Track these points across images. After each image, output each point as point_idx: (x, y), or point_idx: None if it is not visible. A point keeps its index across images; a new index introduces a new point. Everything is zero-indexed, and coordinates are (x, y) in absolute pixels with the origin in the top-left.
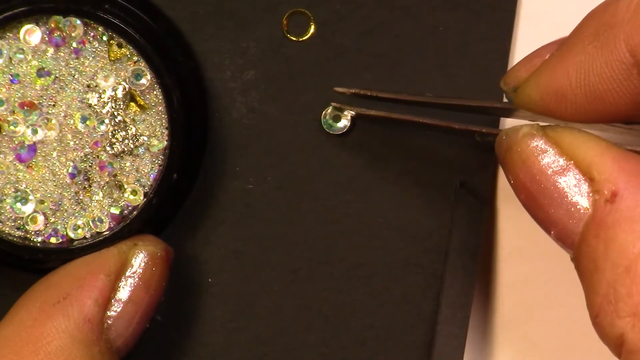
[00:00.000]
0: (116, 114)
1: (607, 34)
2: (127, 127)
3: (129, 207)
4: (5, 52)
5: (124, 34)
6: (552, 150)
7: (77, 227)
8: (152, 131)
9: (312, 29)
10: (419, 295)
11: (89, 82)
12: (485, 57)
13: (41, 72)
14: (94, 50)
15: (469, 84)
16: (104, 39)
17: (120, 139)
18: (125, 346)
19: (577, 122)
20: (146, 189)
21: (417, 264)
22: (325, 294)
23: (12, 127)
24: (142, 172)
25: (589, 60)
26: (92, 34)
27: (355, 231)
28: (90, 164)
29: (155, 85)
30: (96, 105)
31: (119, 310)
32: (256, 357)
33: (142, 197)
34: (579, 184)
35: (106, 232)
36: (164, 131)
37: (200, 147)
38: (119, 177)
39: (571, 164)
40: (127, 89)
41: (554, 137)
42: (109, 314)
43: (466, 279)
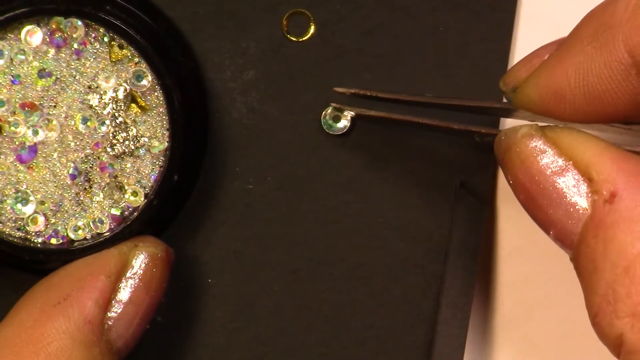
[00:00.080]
0: (117, 115)
1: (605, 35)
2: (128, 128)
3: (130, 208)
4: (6, 53)
5: (125, 35)
6: (551, 150)
7: (77, 228)
8: (152, 132)
9: (312, 29)
10: (419, 295)
11: (90, 83)
12: (485, 57)
13: (42, 73)
14: (95, 51)
15: (469, 84)
16: (105, 40)
17: (121, 140)
18: (125, 347)
19: (576, 122)
20: (147, 190)
21: (417, 264)
22: (325, 294)
23: (13, 128)
24: (143, 174)
25: (587, 60)
26: (93, 35)
27: (355, 231)
28: (91, 165)
29: (156, 86)
30: (97, 106)
31: (120, 311)
32: (256, 357)
33: (142, 198)
34: (578, 184)
35: (107, 233)
36: (165, 132)
37: (201, 149)
38: (119, 178)
39: (570, 165)
40: (128, 90)
41: (552, 138)
42: (109, 315)
43: (466, 279)
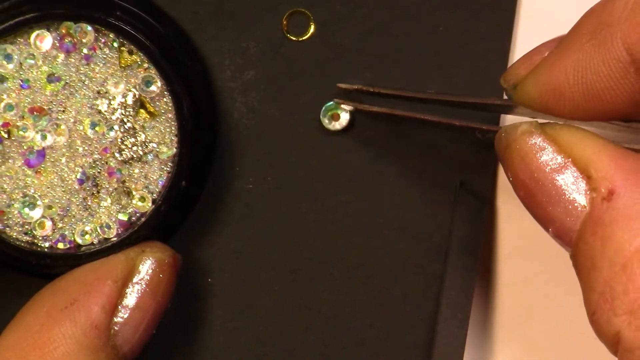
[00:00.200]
0: (126, 120)
1: (604, 32)
2: (137, 133)
3: (137, 214)
4: (15, 57)
5: (135, 41)
6: (550, 147)
7: (84, 232)
8: (161, 138)
9: (312, 29)
10: (419, 295)
11: (99, 88)
12: (485, 57)
13: (51, 78)
14: (105, 56)
15: (469, 84)
16: (115, 45)
17: (129, 146)
18: (131, 352)
19: (575, 119)
20: (154, 195)
21: (417, 264)
22: (325, 294)
23: (21, 132)
24: (151, 179)
25: (586, 58)
26: (103, 41)
27: (355, 231)
28: (99, 170)
29: (165, 92)
30: (106, 111)
31: (126, 316)
32: (256, 357)
33: (150, 203)
34: (577, 181)
35: (114, 239)
36: (173, 138)
37: (209, 154)
38: (127, 184)
39: (569, 162)
40: (137, 96)
41: (552, 135)
42: (116, 320)
43: (466, 279)
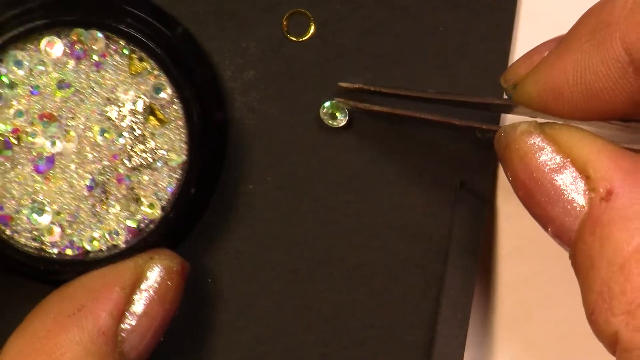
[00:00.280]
0: (135, 127)
1: (603, 32)
2: (146, 140)
3: (146, 221)
4: (26, 64)
5: (146, 48)
6: (549, 147)
7: (93, 239)
8: (170, 145)
9: (312, 29)
10: (419, 295)
11: (109, 95)
12: (485, 57)
13: (61, 84)
14: (115, 63)
15: (469, 84)
16: (125, 52)
17: (138, 153)
18: (138, 359)
19: (574, 119)
20: (163, 202)
21: (417, 264)
22: (325, 294)
23: (30, 139)
24: (160, 186)
25: (585, 58)
26: (113, 47)
27: (355, 231)
28: (108, 177)
29: (175, 99)
30: (115, 118)
31: (134, 323)
32: (256, 357)
33: (159, 210)
34: (576, 181)
35: (122, 245)
36: (183, 145)
37: (218, 162)
38: (136, 191)
39: (568, 162)
40: (147, 103)
41: (551, 135)
42: (123, 327)
43: (466, 279)
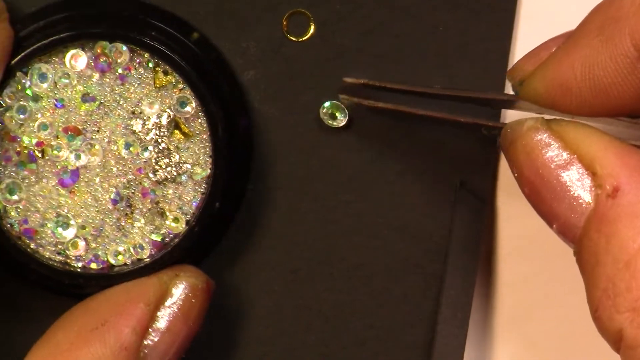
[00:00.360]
0: (160, 141)
1: (612, 28)
2: (171, 154)
3: (171, 235)
4: (50, 77)
5: (170, 62)
6: (555, 143)
7: (117, 253)
8: (195, 159)
9: (312, 29)
10: (419, 295)
11: (133, 108)
12: (485, 57)
13: (86, 98)
14: (140, 76)
15: (469, 84)
16: (150, 65)
17: (163, 166)
18: None
19: (582, 115)
20: (188, 216)
21: (417, 264)
22: (325, 294)
23: (55, 152)
24: (185, 200)
25: (594, 53)
26: (138, 61)
27: (355, 231)
28: (132, 191)
29: (200, 113)
30: (140, 131)
31: (157, 340)
32: (256, 357)
33: (184, 224)
34: (582, 178)
35: (147, 259)
36: (208, 159)
37: (243, 176)
38: (161, 205)
39: (574, 158)
40: (171, 117)
41: (558, 131)
42: (146, 343)
43: (466, 279)
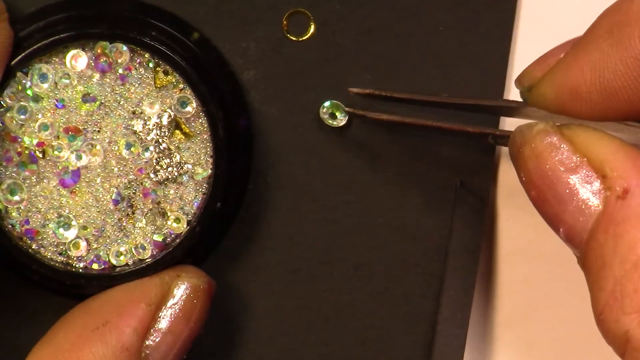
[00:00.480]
0: (161, 141)
1: (621, 31)
2: (172, 154)
3: (172, 235)
4: (50, 77)
5: (171, 62)
6: (566, 147)
7: (119, 253)
8: (196, 159)
9: (312, 29)
10: (419, 295)
11: (134, 108)
12: (485, 57)
13: (86, 98)
14: (140, 76)
15: (469, 84)
16: (150, 65)
17: (164, 167)
18: None
19: (591, 120)
20: (189, 217)
21: (417, 264)
22: (325, 294)
23: (56, 152)
24: (186, 200)
25: (603, 57)
26: (138, 61)
27: (355, 231)
28: (134, 191)
29: (200, 113)
30: (141, 132)
31: (158, 340)
32: (256, 357)
33: (185, 225)
34: (591, 181)
35: (148, 259)
36: (209, 159)
37: (244, 175)
38: (162, 205)
39: (584, 161)
40: (172, 117)
41: (568, 135)
42: (147, 344)
43: (466, 279)
